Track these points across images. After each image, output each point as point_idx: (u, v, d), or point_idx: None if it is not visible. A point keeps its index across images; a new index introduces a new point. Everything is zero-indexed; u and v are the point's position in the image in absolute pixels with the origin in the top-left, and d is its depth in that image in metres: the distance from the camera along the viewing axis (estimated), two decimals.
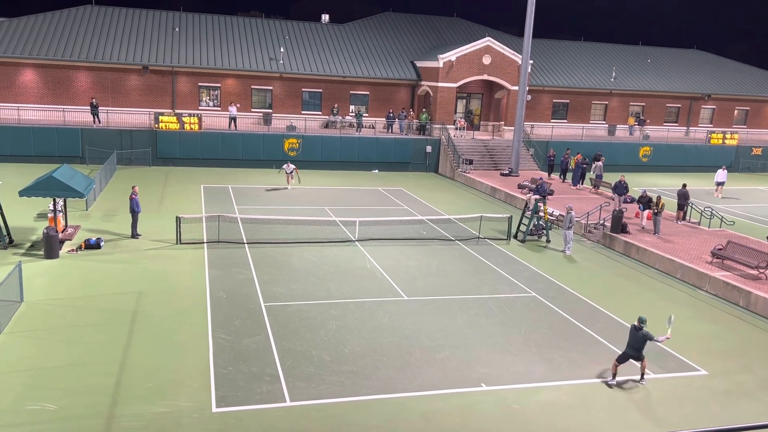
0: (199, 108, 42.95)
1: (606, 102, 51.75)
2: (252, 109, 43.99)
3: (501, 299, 18.59)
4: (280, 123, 42.71)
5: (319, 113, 45.26)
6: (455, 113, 45.62)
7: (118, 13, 45.41)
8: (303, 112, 44.86)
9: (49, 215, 21.92)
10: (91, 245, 21.18)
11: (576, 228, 25.93)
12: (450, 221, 27.63)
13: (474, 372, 13.89)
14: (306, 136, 40.32)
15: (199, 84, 42.92)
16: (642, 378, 13.86)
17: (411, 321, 16.53)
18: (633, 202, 29.42)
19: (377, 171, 41.40)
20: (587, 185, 36.62)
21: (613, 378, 13.79)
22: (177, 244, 22.26)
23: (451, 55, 43.14)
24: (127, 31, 43.75)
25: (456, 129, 44.43)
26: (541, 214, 25.44)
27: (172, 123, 38.22)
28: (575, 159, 36.81)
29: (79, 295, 17.08)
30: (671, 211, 29.26)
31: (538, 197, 26.25)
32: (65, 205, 22.92)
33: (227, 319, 15.99)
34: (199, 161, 38.77)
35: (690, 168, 47.40)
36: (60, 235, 20.95)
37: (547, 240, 25.48)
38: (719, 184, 37.03)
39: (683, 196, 28.25)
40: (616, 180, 30.22)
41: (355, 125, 43.42)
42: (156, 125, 38.22)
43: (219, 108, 43.29)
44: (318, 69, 44.63)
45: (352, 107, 45.71)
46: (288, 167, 33.13)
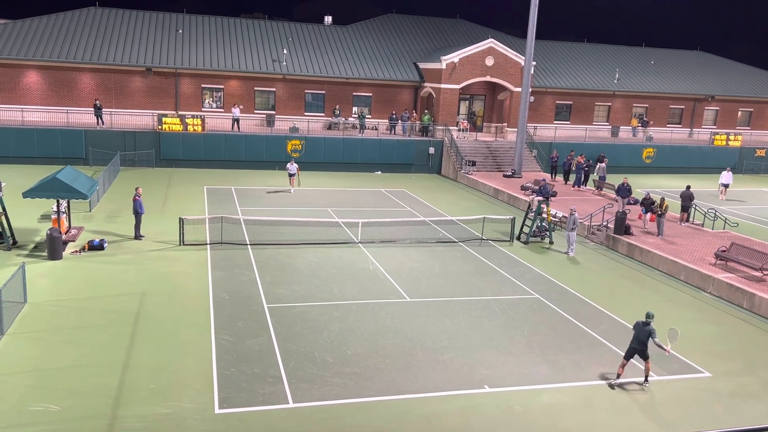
0: (202, 109, 43.02)
1: (609, 103, 51.68)
2: (255, 111, 44.03)
3: (504, 301, 18.57)
4: (283, 124, 42.78)
5: (322, 115, 45.29)
6: (458, 115, 45.63)
7: (121, 15, 45.54)
8: (306, 113, 44.90)
9: (53, 216, 21.97)
10: (95, 246, 21.23)
11: (579, 229, 25.89)
12: (453, 222, 27.62)
13: (477, 374, 13.87)
14: (309, 137, 40.37)
15: (202, 85, 43.00)
16: (646, 380, 13.82)
17: (414, 323, 16.52)
18: (637, 203, 29.40)
19: (380, 172, 41.40)
20: (590, 187, 36.58)
21: (618, 378, 13.76)
22: (180, 245, 22.29)
23: (454, 57, 43.16)
24: (131, 33, 43.87)
25: (459, 130, 44.45)
26: (544, 215, 25.43)
27: (175, 124, 38.30)
28: (577, 161, 36.82)
29: (83, 296, 17.11)
30: (675, 213, 29.20)
31: (541, 199, 26.23)
32: (69, 207, 22.95)
33: (230, 321, 16.00)
34: (202, 162, 38.83)
35: (693, 169, 47.31)
36: (63, 237, 21.01)
37: (550, 241, 25.45)
38: (724, 186, 36.93)
39: (687, 197, 28.20)
40: (618, 183, 30.19)
41: (358, 127, 43.44)
42: (159, 127, 38.30)
43: (222, 109, 43.35)
44: (321, 70, 44.67)
45: (354, 109, 45.74)
46: (291, 166, 32.92)
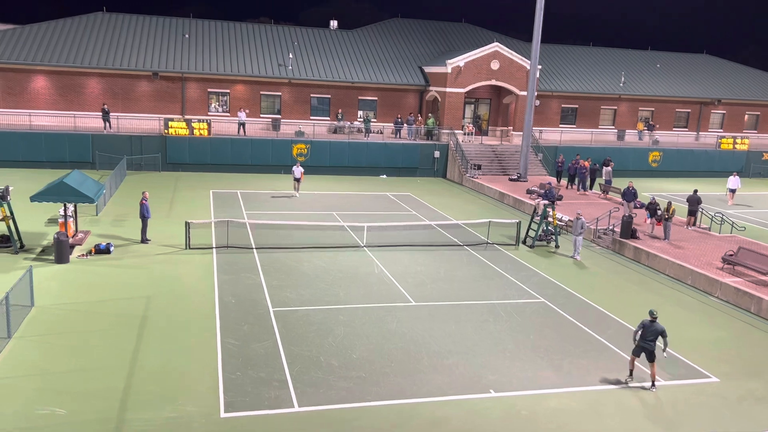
0: (209, 114, 43.19)
1: (615, 107, 51.58)
2: (261, 115, 44.18)
3: (510, 305, 18.52)
4: (288, 128, 42.88)
5: (328, 119, 45.40)
6: (463, 118, 45.63)
7: (128, 20, 45.79)
8: (312, 117, 45.02)
9: (60, 220, 22.06)
10: (101, 250, 21.31)
11: (585, 234, 25.82)
12: (458, 226, 27.59)
13: (482, 378, 13.83)
14: (314, 141, 40.45)
15: (209, 90, 43.17)
16: (653, 385, 13.77)
17: (419, 326, 16.50)
18: (643, 207, 29.29)
19: (385, 176, 41.43)
20: (596, 191, 36.48)
21: (630, 375, 13.88)
22: (186, 249, 22.35)
23: (459, 61, 43.18)
24: (138, 38, 44.10)
25: (464, 134, 44.42)
26: (550, 219, 25.38)
27: (181, 129, 38.44)
28: (581, 165, 36.71)
29: (89, 300, 17.16)
30: (682, 217, 29.09)
31: (546, 202, 26.18)
32: (76, 211, 23.08)
33: (236, 324, 16.02)
34: (209, 167, 38.94)
35: (700, 173, 47.15)
36: (70, 240, 21.11)
37: (556, 245, 25.39)
38: (731, 191, 36.76)
39: (695, 201, 28.08)
40: (624, 187, 30.08)
41: (364, 131, 43.50)
42: (166, 131, 38.45)
43: (228, 114, 43.51)
44: (326, 75, 44.78)
45: (360, 113, 45.82)
46: (297, 169, 32.90)
